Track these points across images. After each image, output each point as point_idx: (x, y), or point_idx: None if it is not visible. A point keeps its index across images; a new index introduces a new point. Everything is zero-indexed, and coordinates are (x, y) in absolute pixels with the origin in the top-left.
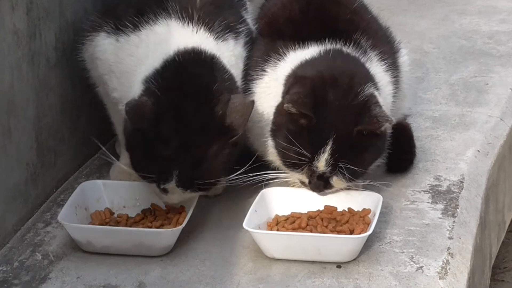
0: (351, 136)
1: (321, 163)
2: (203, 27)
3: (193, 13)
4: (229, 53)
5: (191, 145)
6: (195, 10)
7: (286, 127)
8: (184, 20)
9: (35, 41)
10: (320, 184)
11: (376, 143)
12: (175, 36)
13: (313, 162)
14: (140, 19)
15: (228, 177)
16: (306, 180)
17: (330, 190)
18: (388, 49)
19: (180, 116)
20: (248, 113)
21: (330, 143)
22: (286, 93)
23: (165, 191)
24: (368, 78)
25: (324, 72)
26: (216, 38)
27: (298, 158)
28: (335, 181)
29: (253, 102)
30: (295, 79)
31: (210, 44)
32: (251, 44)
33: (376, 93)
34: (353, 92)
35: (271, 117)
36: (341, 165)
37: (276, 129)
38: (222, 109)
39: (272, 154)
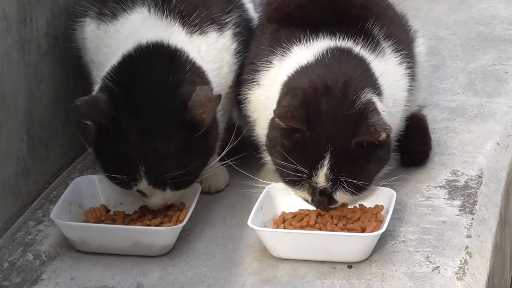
0: (349, 148)
1: (321, 178)
2: (178, 19)
3: (176, 3)
4: (208, 46)
5: (151, 139)
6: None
7: (280, 142)
8: (163, 12)
9: (26, 27)
10: (324, 200)
11: (378, 153)
12: (144, 30)
13: (312, 178)
14: (118, 7)
15: (208, 167)
16: (309, 198)
17: (336, 205)
18: (404, 39)
19: (137, 110)
20: (213, 108)
21: (328, 156)
22: (278, 105)
23: (143, 194)
24: (366, 82)
25: (317, 81)
26: (190, 32)
27: (296, 175)
28: (339, 196)
29: (219, 96)
30: (286, 90)
31: (179, 38)
32: (246, 34)
33: (374, 99)
34: (349, 101)
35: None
36: (342, 179)
37: (271, 145)
38: (182, 101)
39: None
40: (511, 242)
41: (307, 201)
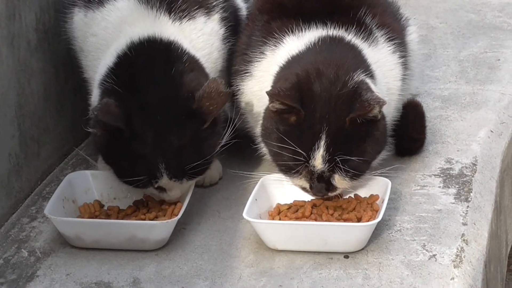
0: (345, 127)
1: (318, 160)
2: (166, 6)
3: None
4: (197, 33)
5: (165, 135)
6: None
7: (276, 128)
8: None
9: (15, 23)
10: (322, 187)
11: (374, 132)
12: (132, 21)
13: (309, 161)
14: None
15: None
16: (307, 185)
17: (335, 192)
18: (396, 27)
19: (147, 109)
20: (222, 102)
21: (324, 137)
22: None
23: (162, 189)
24: (359, 66)
25: (309, 66)
26: (179, 18)
27: (293, 158)
28: (338, 180)
29: (230, 93)
30: (278, 78)
31: (169, 28)
32: (234, 21)
33: (367, 80)
34: (342, 81)
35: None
36: (339, 160)
37: (266, 134)
38: (189, 91)
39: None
40: (506, 229)
41: (305, 189)
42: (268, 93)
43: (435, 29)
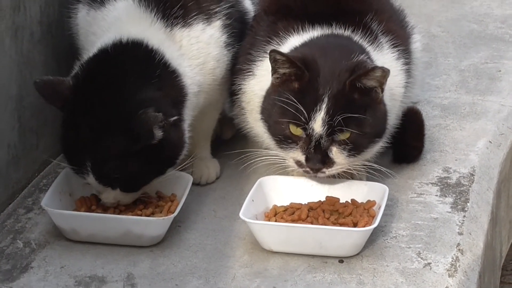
0: (345, 91)
1: (318, 123)
2: (161, 11)
3: None
4: (190, 40)
5: (98, 138)
6: None
7: (278, 97)
8: (147, 2)
9: (19, 14)
10: (318, 158)
11: (374, 108)
12: (125, 21)
13: (309, 123)
14: None
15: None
16: (302, 158)
17: (330, 169)
18: (401, 35)
19: (92, 106)
20: (148, 139)
21: (326, 99)
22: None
23: (96, 188)
24: (363, 52)
25: (314, 47)
26: (171, 25)
27: (294, 116)
28: (335, 153)
29: (173, 121)
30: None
31: (159, 34)
32: (238, 27)
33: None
34: (346, 58)
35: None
36: (340, 120)
37: (267, 109)
38: (135, 108)
39: (267, 137)
40: (501, 240)
41: (299, 163)
42: (271, 51)
43: (436, 37)
